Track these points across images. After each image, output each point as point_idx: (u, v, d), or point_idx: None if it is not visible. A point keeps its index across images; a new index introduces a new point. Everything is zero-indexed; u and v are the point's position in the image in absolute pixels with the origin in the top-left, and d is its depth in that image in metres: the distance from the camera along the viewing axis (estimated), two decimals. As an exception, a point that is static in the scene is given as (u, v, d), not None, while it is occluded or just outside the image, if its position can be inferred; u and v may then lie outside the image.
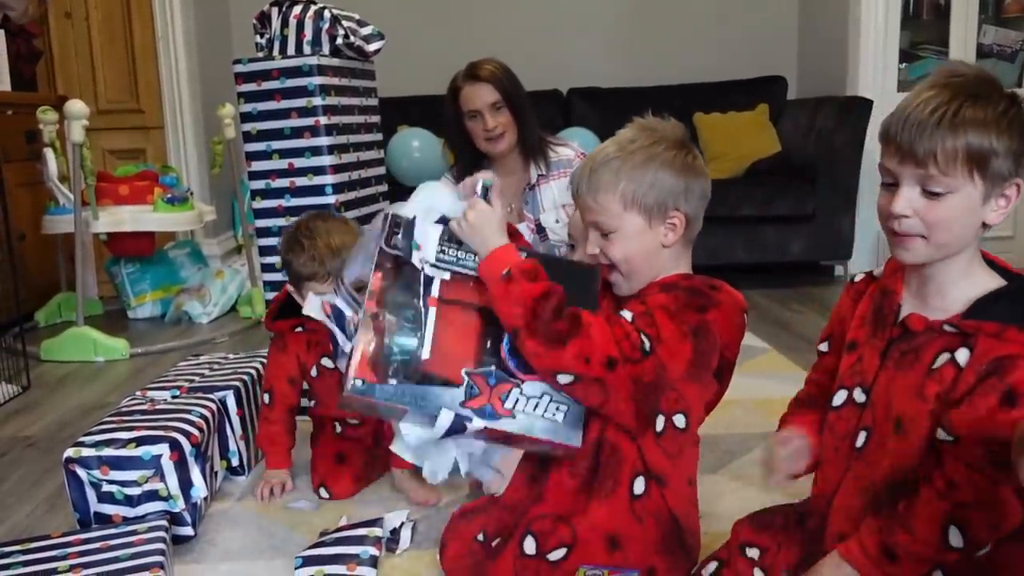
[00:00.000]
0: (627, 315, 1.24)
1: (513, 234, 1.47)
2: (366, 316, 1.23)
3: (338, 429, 1.88)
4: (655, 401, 1.25)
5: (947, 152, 1.03)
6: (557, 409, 1.27)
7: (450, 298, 1.29)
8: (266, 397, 1.86)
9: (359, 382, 1.20)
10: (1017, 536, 1.09)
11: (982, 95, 1.05)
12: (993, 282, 1.12)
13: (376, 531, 1.58)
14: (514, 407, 1.25)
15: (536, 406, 1.26)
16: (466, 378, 1.25)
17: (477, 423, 1.23)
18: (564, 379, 1.21)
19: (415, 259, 1.29)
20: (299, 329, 1.86)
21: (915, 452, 1.10)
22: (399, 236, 1.29)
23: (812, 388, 1.36)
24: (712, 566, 1.29)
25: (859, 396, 1.18)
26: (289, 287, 1.84)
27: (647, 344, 1.21)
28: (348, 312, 1.46)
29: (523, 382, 1.27)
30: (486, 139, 2.28)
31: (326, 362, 1.83)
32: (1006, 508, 1.03)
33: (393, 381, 1.22)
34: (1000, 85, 1.08)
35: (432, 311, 1.27)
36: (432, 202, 1.33)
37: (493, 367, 1.26)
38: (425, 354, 1.24)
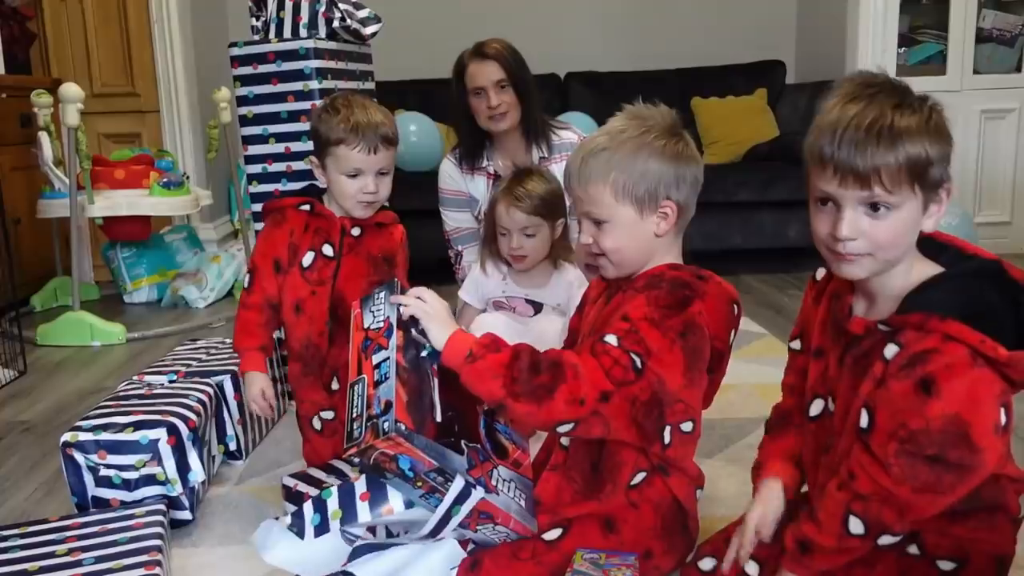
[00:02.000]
0: (612, 340, 1.22)
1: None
2: (398, 367, 1.21)
3: (317, 426, 1.74)
4: (658, 416, 1.25)
5: (890, 168, 1.01)
6: (520, 494, 1.30)
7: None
8: (246, 279, 1.71)
9: (402, 425, 1.16)
10: (990, 509, 1.10)
11: (904, 103, 1.03)
12: (930, 271, 1.09)
13: None
14: (496, 485, 1.26)
15: (508, 488, 1.28)
16: (465, 449, 1.24)
17: (477, 493, 1.23)
18: (565, 428, 1.22)
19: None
20: (304, 207, 1.69)
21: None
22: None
23: (788, 397, 1.35)
24: (710, 563, 1.28)
25: (831, 405, 1.19)
26: (312, 161, 1.68)
27: (638, 362, 1.20)
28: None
29: (497, 465, 1.28)
30: (489, 117, 2.31)
31: (327, 250, 1.67)
32: (908, 504, 1.03)
33: (420, 435, 1.20)
34: (911, 90, 1.05)
35: (435, 380, 1.26)
36: None
37: (478, 445, 1.27)
38: (438, 417, 1.24)
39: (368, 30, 2.32)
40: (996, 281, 1.06)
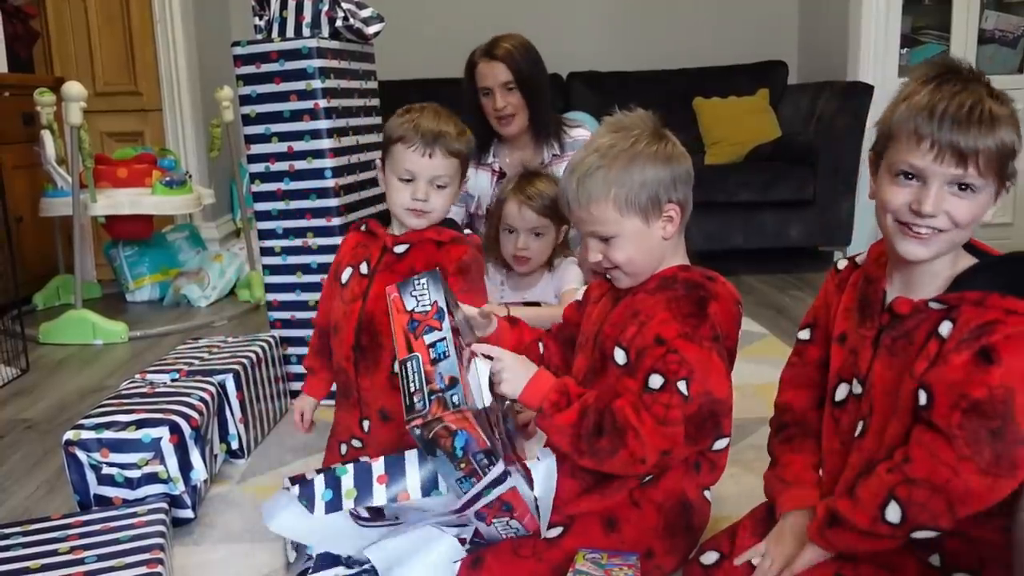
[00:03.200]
0: (657, 382, 1.22)
1: (514, 321, 1.51)
2: (458, 349, 1.21)
3: (343, 451, 1.70)
4: (714, 426, 1.29)
5: (989, 151, 1.03)
6: (530, 491, 1.31)
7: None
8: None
9: (467, 401, 1.16)
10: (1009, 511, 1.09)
11: (994, 93, 1.06)
12: (971, 261, 1.13)
13: None
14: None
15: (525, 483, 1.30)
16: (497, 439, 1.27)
17: (512, 480, 1.24)
18: (625, 476, 1.29)
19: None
20: (363, 228, 1.69)
21: (903, 433, 1.11)
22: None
23: (788, 391, 1.35)
24: (713, 556, 1.28)
25: (856, 388, 1.19)
26: (377, 166, 1.64)
27: (685, 389, 1.22)
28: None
29: (515, 460, 1.29)
30: (496, 119, 2.30)
31: (364, 268, 1.63)
32: (966, 488, 1.02)
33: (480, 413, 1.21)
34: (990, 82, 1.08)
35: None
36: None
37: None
38: (486, 401, 1.26)
39: (371, 29, 2.32)
40: None
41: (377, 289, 1.58)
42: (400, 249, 1.61)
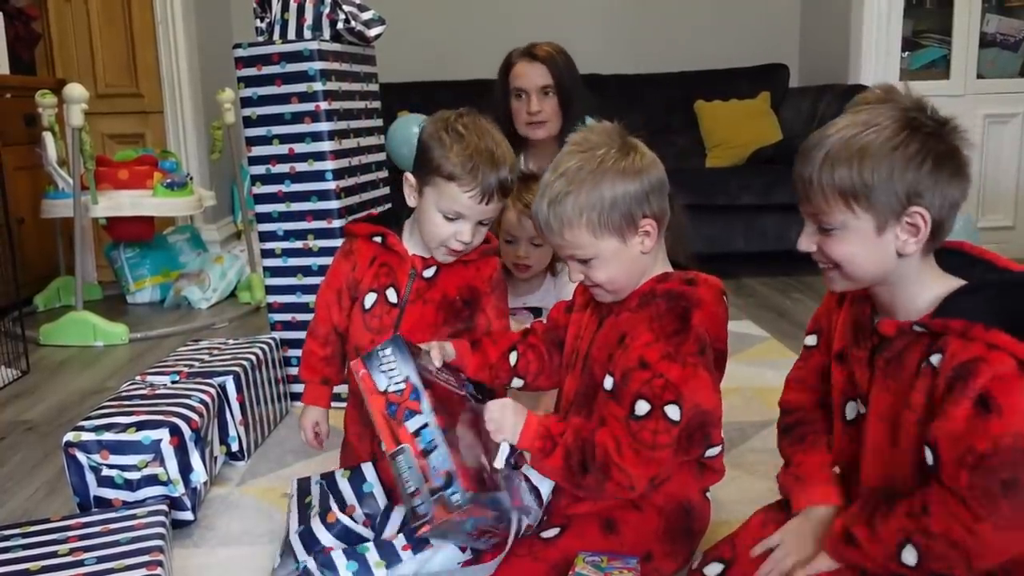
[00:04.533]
0: (643, 408, 1.22)
1: (476, 344, 1.46)
2: (444, 432, 1.22)
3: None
4: (703, 437, 1.30)
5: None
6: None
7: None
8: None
9: (469, 494, 1.17)
10: None
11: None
12: (955, 285, 1.10)
13: None
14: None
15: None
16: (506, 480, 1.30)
17: (527, 520, 1.30)
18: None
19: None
20: (377, 239, 1.55)
21: (906, 463, 1.10)
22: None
23: (794, 391, 1.35)
24: (716, 567, 1.27)
25: (861, 408, 1.19)
26: (409, 182, 1.49)
27: (673, 414, 1.22)
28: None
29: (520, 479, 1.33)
30: (527, 123, 2.20)
31: (391, 295, 1.53)
32: (984, 546, 1.01)
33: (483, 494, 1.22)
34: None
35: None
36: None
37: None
38: (499, 464, 1.29)
39: (372, 32, 2.32)
40: None
41: (409, 322, 1.52)
42: (429, 273, 1.53)
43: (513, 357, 1.47)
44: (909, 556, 1.05)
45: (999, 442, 0.98)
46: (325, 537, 1.40)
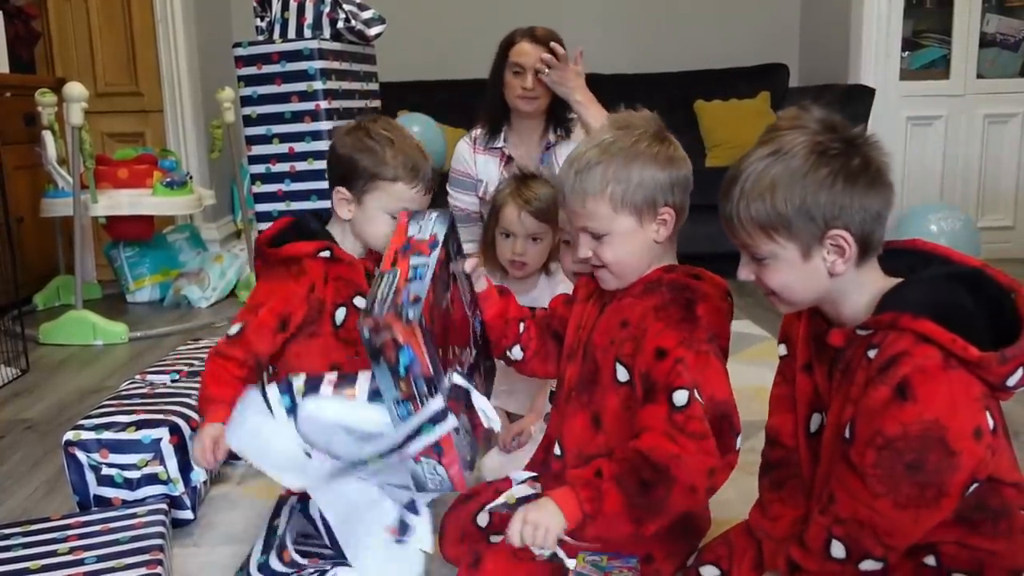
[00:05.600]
0: (681, 397, 1.19)
1: (504, 291, 1.47)
2: (434, 275, 1.21)
3: None
4: (728, 427, 1.25)
5: None
6: (468, 450, 1.31)
7: None
8: (234, 328, 1.43)
9: (424, 320, 1.15)
10: (999, 518, 1.09)
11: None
12: (894, 283, 1.11)
13: None
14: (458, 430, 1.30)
15: (464, 437, 1.29)
16: (454, 380, 1.27)
17: (451, 422, 1.23)
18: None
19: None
20: (324, 254, 1.44)
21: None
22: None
23: (777, 412, 1.34)
24: (710, 570, 1.28)
25: (824, 419, 1.19)
26: (342, 195, 1.46)
27: (699, 397, 1.20)
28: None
29: (463, 413, 1.28)
30: (520, 96, 2.31)
31: (360, 302, 1.46)
32: (888, 523, 1.03)
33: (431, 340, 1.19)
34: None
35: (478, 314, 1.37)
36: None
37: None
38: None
39: (372, 31, 2.32)
40: (972, 285, 1.07)
41: None
42: None
43: (522, 326, 1.47)
44: (837, 550, 1.08)
45: (909, 428, 1.01)
46: (278, 565, 1.40)
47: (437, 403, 1.18)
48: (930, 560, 1.12)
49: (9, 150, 3.39)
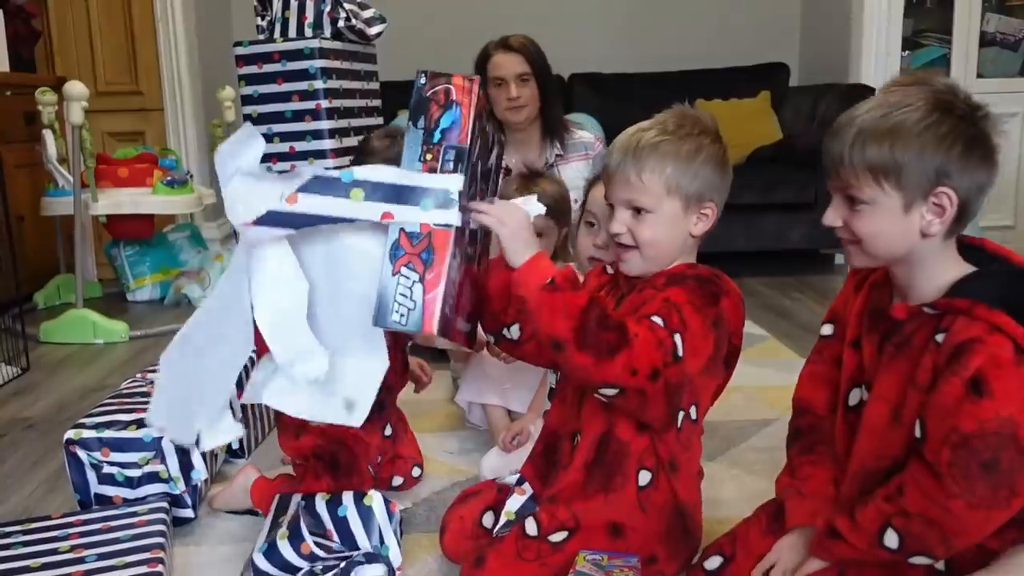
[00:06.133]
0: (658, 320, 1.19)
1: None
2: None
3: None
4: (680, 399, 1.25)
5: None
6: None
7: None
8: None
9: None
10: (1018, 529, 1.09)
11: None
12: (969, 270, 1.13)
13: None
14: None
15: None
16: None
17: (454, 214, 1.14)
18: (608, 392, 1.18)
19: None
20: None
21: (901, 441, 1.11)
22: None
23: (807, 387, 1.34)
24: (716, 561, 1.29)
25: (864, 394, 1.19)
26: None
27: (679, 350, 1.19)
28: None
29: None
30: (508, 107, 2.31)
31: None
32: (959, 524, 1.03)
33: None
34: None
35: None
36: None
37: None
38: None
39: (373, 30, 2.32)
40: None
41: None
42: None
43: (476, 215, 1.42)
44: (891, 539, 1.07)
45: (985, 425, 1.00)
46: (292, 556, 1.39)
47: (455, 180, 1.09)
48: (940, 565, 1.13)
49: (9, 149, 3.38)
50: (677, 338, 1.18)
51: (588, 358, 1.14)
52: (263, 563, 1.39)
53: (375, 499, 1.45)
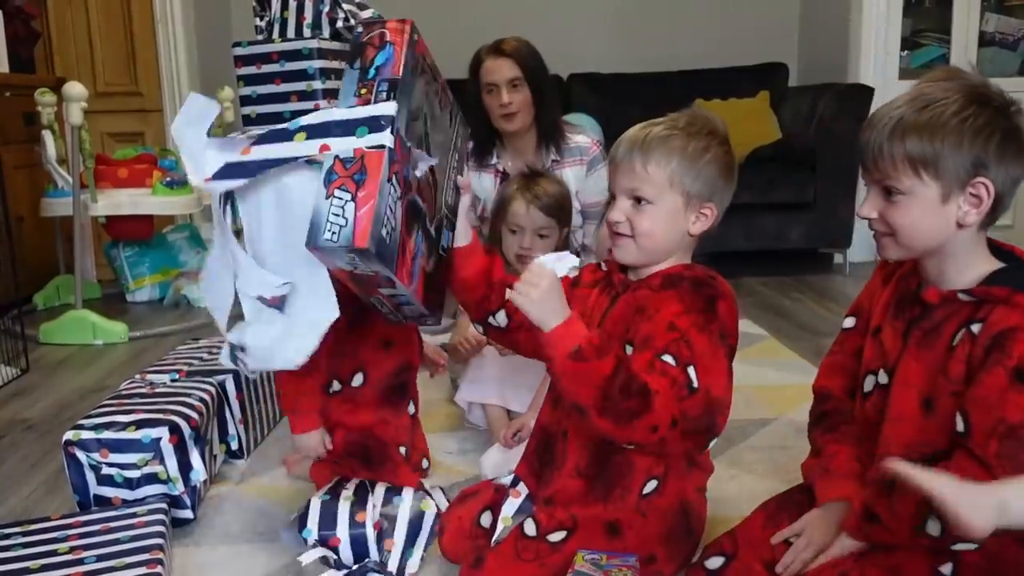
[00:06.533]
0: (670, 360, 1.18)
1: (491, 251, 1.46)
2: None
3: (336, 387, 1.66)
4: (708, 426, 1.22)
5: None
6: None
7: None
8: None
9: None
10: None
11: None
12: (999, 265, 1.14)
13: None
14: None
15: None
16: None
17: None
18: (628, 445, 1.22)
19: None
20: None
21: (940, 431, 1.11)
22: None
23: (828, 377, 1.35)
24: (717, 561, 1.28)
25: (883, 378, 1.20)
26: None
27: (694, 380, 1.18)
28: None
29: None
30: (501, 115, 2.28)
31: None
32: None
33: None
34: None
35: None
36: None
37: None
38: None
39: (372, 31, 2.32)
40: None
41: None
42: None
43: (509, 293, 1.41)
44: (933, 528, 1.07)
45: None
46: (342, 527, 1.44)
47: (388, 107, 1.12)
48: (947, 569, 1.13)
49: (9, 149, 3.39)
50: (691, 371, 1.19)
51: (610, 424, 1.16)
52: (315, 513, 1.45)
53: (429, 507, 1.53)
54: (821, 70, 4.47)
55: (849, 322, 1.34)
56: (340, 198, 1.12)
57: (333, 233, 1.10)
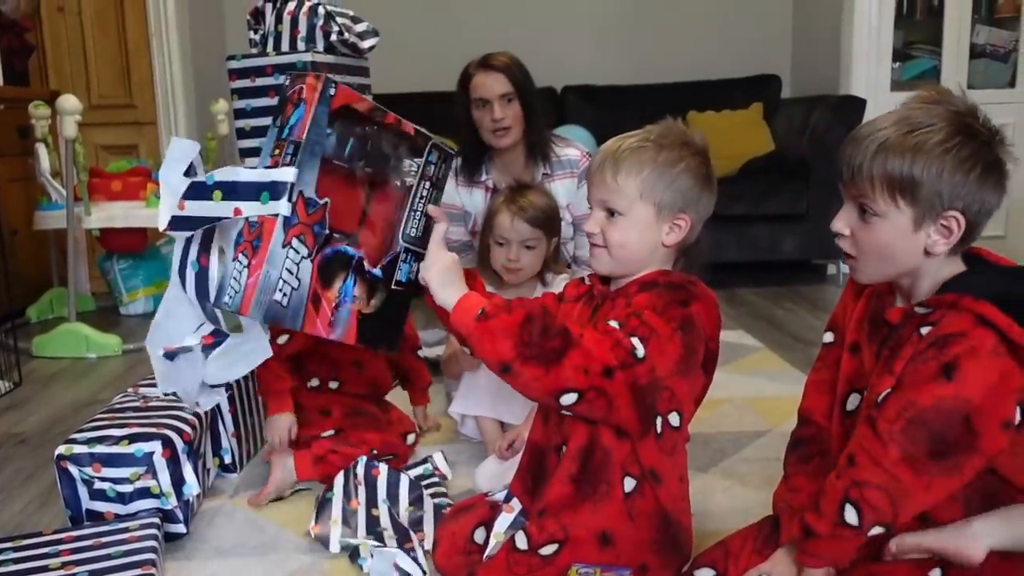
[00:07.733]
0: (614, 324, 1.22)
1: (471, 277, 1.48)
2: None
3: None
4: (653, 403, 1.25)
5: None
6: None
7: None
8: (282, 338, 1.79)
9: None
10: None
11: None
12: (963, 268, 1.16)
13: None
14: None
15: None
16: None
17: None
18: (568, 399, 1.18)
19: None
20: None
21: None
22: None
23: (812, 396, 1.35)
24: (706, 572, 1.28)
25: (862, 398, 1.20)
26: None
27: (639, 350, 1.20)
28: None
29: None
30: (492, 131, 2.26)
31: None
32: (904, 489, 1.07)
33: None
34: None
35: None
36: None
37: None
38: None
39: (365, 44, 2.33)
40: None
41: None
42: None
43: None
44: (851, 515, 1.09)
45: (941, 403, 1.04)
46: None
47: (287, 172, 1.14)
48: (935, 574, 1.13)
49: (2, 162, 3.39)
50: (635, 340, 1.20)
51: (537, 369, 1.16)
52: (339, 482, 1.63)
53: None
54: (814, 82, 4.49)
55: (828, 337, 1.34)
56: (240, 263, 1.17)
57: (230, 297, 1.16)
